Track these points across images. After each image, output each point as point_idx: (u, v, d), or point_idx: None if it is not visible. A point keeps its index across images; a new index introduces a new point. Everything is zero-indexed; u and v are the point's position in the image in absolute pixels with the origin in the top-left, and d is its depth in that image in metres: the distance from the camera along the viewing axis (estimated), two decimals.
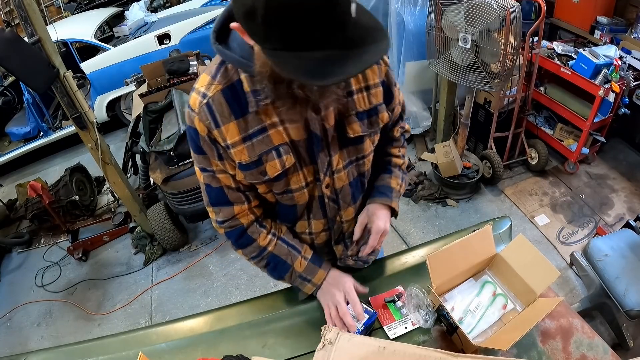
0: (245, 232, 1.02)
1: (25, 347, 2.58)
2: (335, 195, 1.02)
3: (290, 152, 0.89)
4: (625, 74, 2.57)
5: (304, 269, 1.06)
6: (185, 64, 2.89)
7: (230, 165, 0.92)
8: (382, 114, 0.98)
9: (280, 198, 0.99)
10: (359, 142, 0.97)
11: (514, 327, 1.02)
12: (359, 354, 0.85)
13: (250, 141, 0.87)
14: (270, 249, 1.04)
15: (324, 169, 0.95)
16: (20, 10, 1.95)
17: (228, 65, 0.85)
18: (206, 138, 0.88)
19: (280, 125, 0.87)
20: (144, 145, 2.62)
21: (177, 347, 1.13)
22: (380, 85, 0.95)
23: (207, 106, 0.84)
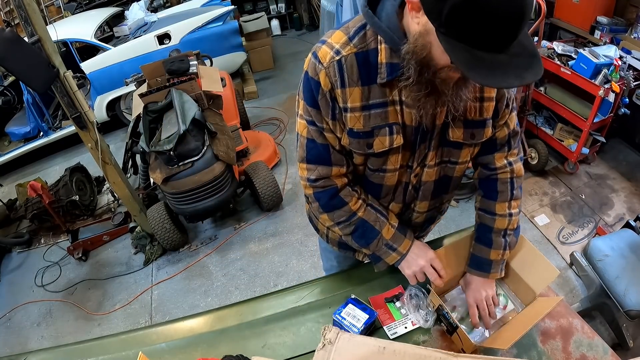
0: (338, 193, 1.00)
1: (25, 347, 2.58)
2: (419, 185, 1.04)
3: (400, 132, 0.90)
4: (625, 74, 2.57)
5: (391, 236, 1.05)
6: (185, 64, 2.88)
7: (340, 128, 0.92)
8: (488, 129, 0.97)
9: (370, 175, 1.00)
10: (457, 147, 0.98)
11: (514, 326, 1.03)
12: (359, 354, 0.85)
13: (368, 111, 0.88)
14: (360, 214, 1.02)
15: (418, 160, 0.97)
16: (20, 10, 1.95)
17: (368, 31, 0.84)
18: (326, 93, 0.87)
19: (398, 105, 0.88)
20: (144, 145, 2.62)
21: (177, 347, 1.13)
22: (493, 100, 0.94)
23: (339, 64, 0.84)
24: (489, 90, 0.92)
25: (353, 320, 1.06)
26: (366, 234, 1.04)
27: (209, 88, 2.81)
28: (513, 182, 1.08)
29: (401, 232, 1.07)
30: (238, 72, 4.86)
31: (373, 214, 1.04)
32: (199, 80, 2.81)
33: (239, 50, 4.54)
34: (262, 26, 5.06)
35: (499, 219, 1.08)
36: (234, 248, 2.95)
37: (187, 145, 2.47)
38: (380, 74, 0.84)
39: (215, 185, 2.58)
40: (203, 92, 2.75)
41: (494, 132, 1.00)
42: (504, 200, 1.08)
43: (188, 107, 2.58)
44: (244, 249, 2.93)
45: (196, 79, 2.76)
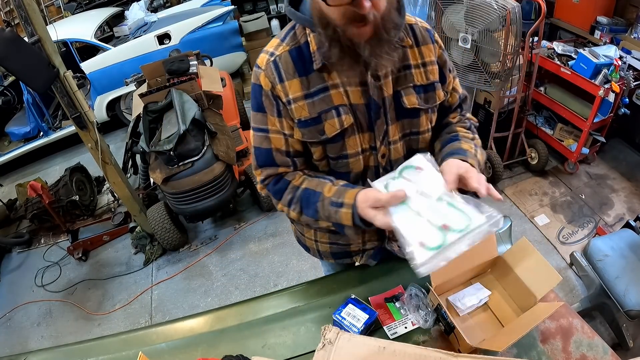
0: (282, 177, 1.02)
1: (25, 347, 2.58)
2: (390, 166, 1.02)
3: (349, 113, 0.93)
4: (625, 74, 2.57)
5: (333, 192, 0.94)
6: (185, 64, 2.88)
7: (287, 124, 0.96)
8: (439, 91, 1.01)
9: (334, 164, 1.01)
10: (415, 115, 1.00)
11: (511, 329, 1.03)
12: (359, 354, 0.85)
13: (311, 98, 0.92)
14: (303, 186, 0.99)
15: (380, 137, 0.98)
16: (20, 10, 1.95)
17: (297, 30, 0.93)
18: (269, 93, 0.94)
19: (341, 87, 0.92)
20: (144, 145, 2.62)
21: (177, 347, 1.13)
22: (435, 63, 1.00)
23: (274, 63, 0.92)
24: (428, 54, 0.98)
25: (353, 320, 1.06)
26: (310, 200, 0.97)
27: (209, 88, 2.81)
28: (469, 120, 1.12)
29: (347, 186, 0.95)
30: (238, 72, 4.86)
31: (315, 181, 0.99)
32: (199, 80, 2.81)
33: (239, 50, 4.54)
34: (262, 26, 5.05)
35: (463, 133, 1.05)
36: (234, 248, 2.95)
37: (187, 145, 2.47)
38: (315, 61, 0.90)
39: (215, 185, 2.58)
40: (203, 92, 2.75)
41: (446, 96, 1.05)
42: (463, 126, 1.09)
43: (188, 107, 2.58)
44: (244, 249, 2.93)
45: (196, 79, 2.76)
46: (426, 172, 0.89)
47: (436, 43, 1.01)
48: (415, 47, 0.98)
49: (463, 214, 0.81)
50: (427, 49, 0.99)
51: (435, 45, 1.01)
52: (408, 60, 0.97)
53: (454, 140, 1.03)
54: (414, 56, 0.97)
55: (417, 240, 0.79)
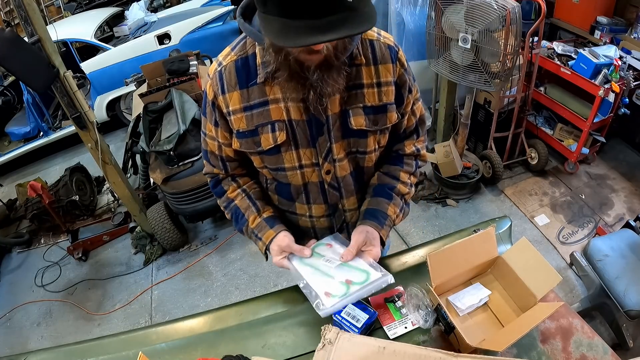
0: (219, 182, 1.12)
1: (25, 347, 2.58)
2: (337, 183, 1.05)
3: (284, 130, 0.94)
4: (625, 74, 2.57)
5: (256, 225, 1.07)
6: (185, 64, 2.89)
7: (222, 134, 1.01)
8: (391, 114, 0.98)
9: (275, 175, 1.05)
10: (361, 135, 0.98)
11: (511, 329, 1.03)
12: (359, 354, 0.85)
13: (250, 111, 0.93)
14: (235, 202, 1.10)
15: (322, 155, 0.98)
16: (20, 10, 1.95)
17: (248, 40, 0.94)
18: (210, 103, 0.97)
19: (282, 102, 0.92)
20: (144, 145, 2.62)
21: (177, 347, 1.13)
22: (392, 84, 0.96)
23: (219, 74, 0.94)
24: (385, 74, 0.94)
25: (353, 320, 1.05)
26: (238, 220, 1.10)
27: None
28: (417, 161, 1.15)
29: (268, 223, 1.06)
30: None
31: (246, 202, 1.09)
32: (199, 80, 2.81)
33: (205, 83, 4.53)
34: None
35: (401, 185, 1.10)
36: (234, 248, 2.95)
37: (187, 145, 2.47)
38: (259, 74, 0.91)
39: None
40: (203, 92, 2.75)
41: (400, 118, 1.03)
42: (408, 172, 1.12)
43: (188, 107, 2.58)
44: (244, 249, 2.93)
45: (196, 79, 2.76)
46: (334, 247, 1.07)
47: (397, 62, 0.97)
48: (371, 65, 0.94)
49: (362, 271, 0.99)
50: (385, 69, 0.95)
51: (396, 65, 0.96)
52: (361, 79, 0.93)
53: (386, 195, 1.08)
54: (369, 74, 0.93)
55: (324, 291, 0.95)
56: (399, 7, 2.90)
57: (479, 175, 2.94)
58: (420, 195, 3.06)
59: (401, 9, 2.90)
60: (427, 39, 2.55)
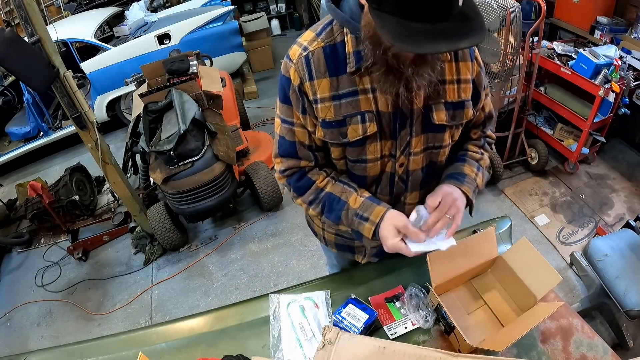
0: (305, 174, 1.04)
1: (25, 347, 2.58)
2: (406, 176, 1.04)
3: (374, 121, 0.92)
4: (625, 74, 2.57)
5: (359, 205, 0.99)
6: (185, 64, 2.88)
7: (311, 122, 0.96)
8: (468, 110, 0.99)
9: (352, 167, 1.02)
10: (440, 130, 0.98)
11: (511, 329, 1.03)
12: (359, 354, 0.85)
13: (339, 100, 0.91)
14: (327, 189, 1.03)
15: (401, 147, 0.98)
16: (20, 10, 1.95)
17: (334, 26, 0.90)
18: (296, 88, 0.93)
19: (370, 93, 0.90)
20: (144, 145, 2.62)
21: (177, 347, 1.13)
22: (470, 82, 0.97)
23: (306, 59, 0.90)
24: (465, 72, 0.95)
25: (353, 320, 1.06)
26: (333, 206, 1.02)
27: (209, 88, 2.81)
28: (486, 139, 1.15)
29: (373, 201, 1.01)
30: (238, 72, 4.86)
31: (339, 187, 1.03)
32: (199, 80, 2.81)
33: (239, 50, 4.54)
34: (262, 26, 5.06)
35: (472, 152, 1.11)
36: (234, 248, 2.95)
37: (187, 145, 2.47)
38: (349, 63, 0.88)
39: (215, 185, 2.58)
40: (203, 92, 2.75)
41: (474, 116, 1.04)
42: (476, 145, 1.13)
43: (188, 107, 2.58)
44: (244, 249, 2.93)
45: (196, 79, 2.76)
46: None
47: (475, 60, 0.98)
48: (453, 62, 0.94)
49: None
50: (465, 66, 0.96)
51: (474, 63, 0.98)
52: (444, 75, 0.94)
53: (461, 160, 1.08)
54: (450, 71, 0.94)
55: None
56: None
57: None
58: None
59: None
60: None
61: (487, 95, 1.08)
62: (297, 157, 1.02)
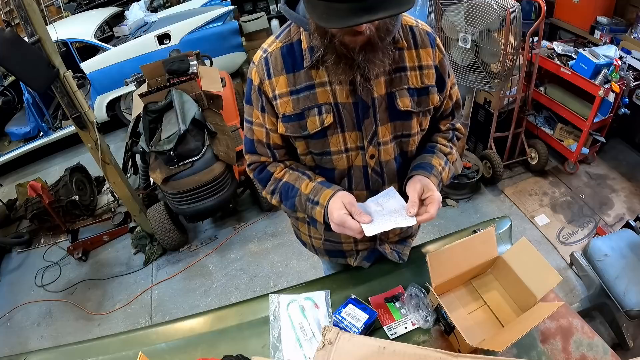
0: (265, 167, 1.10)
1: (25, 347, 2.58)
2: (380, 168, 1.04)
3: (331, 112, 0.95)
4: (625, 74, 2.57)
5: (310, 190, 1.01)
6: (185, 64, 2.88)
7: (269, 120, 1.01)
8: (433, 96, 1.01)
9: (319, 160, 1.04)
10: (407, 117, 1.00)
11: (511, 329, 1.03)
12: (359, 354, 0.85)
13: (296, 95, 0.95)
14: (284, 179, 1.06)
15: (368, 137, 0.99)
16: (20, 10, 1.95)
17: (292, 28, 0.96)
18: (256, 88, 0.99)
19: (328, 86, 0.94)
20: (144, 145, 2.62)
21: (177, 347, 1.13)
22: (432, 68, 1.00)
23: (265, 59, 0.96)
24: (426, 58, 0.98)
25: (353, 320, 1.06)
26: (289, 194, 1.05)
27: (209, 88, 2.81)
28: (455, 133, 1.16)
29: (324, 184, 1.01)
30: (238, 72, 4.86)
31: (295, 175, 1.06)
32: (199, 80, 2.81)
33: (239, 50, 4.54)
34: (262, 26, 5.05)
35: (441, 146, 1.12)
36: (234, 248, 2.95)
37: (187, 145, 2.47)
38: (305, 59, 0.93)
39: (215, 185, 2.58)
40: (203, 92, 2.75)
41: (440, 102, 1.05)
42: (445, 138, 1.14)
43: (188, 107, 2.58)
44: (244, 249, 2.93)
45: (196, 79, 2.76)
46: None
47: (437, 47, 1.00)
48: (413, 49, 0.97)
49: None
50: (426, 53, 0.98)
51: (435, 50, 1.00)
52: (404, 62, 0.96)
53: (428, 152, 1.10)
54: (411, 58, 0.97)
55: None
56: None
57: (479, 175, 2.94)
58: None
59: None
60: None
61: (454, 84, 1.10)
62: (257, 153, 1.09)
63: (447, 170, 1.10)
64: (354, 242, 1.19)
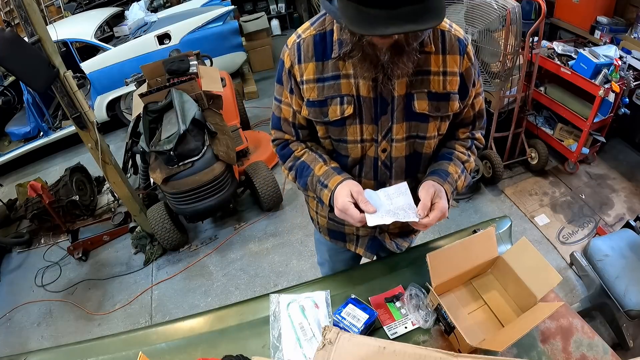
0: (287, 145, 1.16)
1: (25, 347, 2.58)
2: (390, 162, 1.08)
3: (352, 104, 0.99)
4: (625, 74, 2.57)
5: (322, 172, 1.07)
6: (185, 64, 2.88)
7: (296, 101, 1.06)
8: (453, 102, 1.01)
9: (336, 146, 1.09)
10: (423, 120, 1.02)
11: (511, 329, 1.03)
12: (359, 354, 0.85)
13: (322, 83, 1.00)
14: (302, 158, 1.12)
15: (382, 132, 1.03)
16: (20, 10, 1.95)
17: (327, 17, 0.99)
18: (287, 70, 1.04)
19: (352, 79, 0.97)
20: (144, 145, 2.62)
21: (177, 347, 1.13)
22: (457, 75, 1.00)
23: (297, 45, 1.01)
24: (452, 64, 0.98)
25: (353, 320, 1.06)
26: (303, 172, 1.11)
27: (209, 88, 2.81)
28: (474, 141, 1.16)
29: (336, 170, 1.07)
30: (238, 72, 4.86)
31: (312, 156, 1.11)
32: (199, 80, 2.81)
33: (239, 50, 4.54)
34: (262, 26, 5.06)
35: (459, 153, 1.12)
36: (234, 248, 2.95)
37: (187, 145, 2.47)
38: (334, 50, 0.97)
39: (215, 185, 2.58)
40: (203, 92, 2.75)
41: (461, 108, 1.05)
42: (463, 146, 1.14)
43: (188, 107, 2.58)
44: (244, 249, 2.93)
45: (196, 79, 2.76)
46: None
47: (465, 55, 1.00)
48: (440, 54, 0.97)
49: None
50: (452, 59, 0.98)
51: (464, 58, 0.99)
52: (429, 66, 0.97)
53: (446, 158, 1.11)
54: (437, 63, 0.97)
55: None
56: None
57: (479, 175, 2.94)
58: None
59: None
60: None
61: (479, 94, 1.09)
62: (282, 130, 1.15)
63: (464, 178, 1.11)
64: (354, 227, 1.22)
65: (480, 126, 1.16)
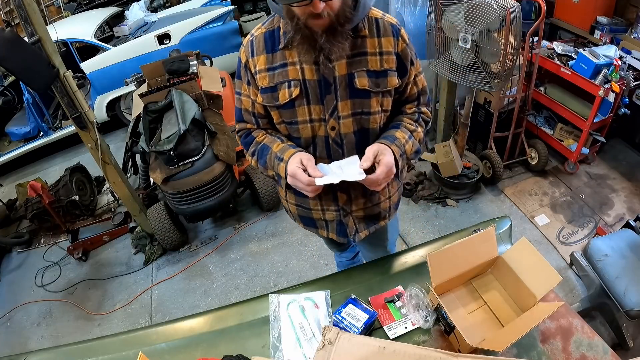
0: (250, 133, 1.27)
1: (25, 347, 2.58)
2: (340, 139, 1.16)
3: (298, 87, 1.10)
4: (625, 74, 2.57)
5: (279, 149, 1.16)
6: (185, 64, 2.88)
7: (253, 92, 1.18)
8: (392, 78, 1.13)
9: (289, 129, 1.19)
10: (365, 96, 1.12)
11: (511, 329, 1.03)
12: (359, 354, 0.85)
13: (272, 72, 1.12)
14: (263, 141, 1.22)
15: (329, 111, 1.12)
16: (20, 10, 1.95)
17: (275, 17, 1.13)
18: (244, 65, 1.17)
19: (298, 65, 1.09)
20: (144, 145, 2.62)
21: (177, 347, 1.14)
22: (393, 54, 1.12)
23: (251, 42, 1.15)
24: (387, 45, 1.11)
25: (353, 320, 1.06)
26: (263, 153, 1.20)
27: (209, 88, 2.81)
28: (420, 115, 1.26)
29: (292, 147, 1.16)
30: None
31: (271, 138, 1.22)
32: (199, 80, 2.81)
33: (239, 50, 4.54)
34: None
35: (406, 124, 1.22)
36: (234, 248, 2.95)
37: (187, 145, 2.47)
38: (280, 42, 1.10)
39: (215, 185, 2.58)
40: (203, 92, 2.75)
41: (400, 83, 1.16)
42: (410, 118, 1.24)
43: (188, 107, 2.58)
44: (244, 249, 2.93)
45: (196, 79, 2.76)
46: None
47: (400, 37, 1.12)
48: (375, 37, 1.10)
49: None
50: (387, 41, 1.11)
51: (398, 39, 1.12)
52: (365, 48, 1.09)
53: (394, 127, 1.21)
54: (372, 45, 1.10)
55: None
56: (399, 7, 2.90)
57: (479, 175, 2.94)
58: (420, 195, 3.06)
59: (401, 9, 2.90)
60: (427, 39, 2.54)
61: (419, 72, 1.21)
62: (244, 120, 1.26)
63: (411, 144, 1.19)
64: (321, 211, 1.29)
65: (424, 102, 1.27)
